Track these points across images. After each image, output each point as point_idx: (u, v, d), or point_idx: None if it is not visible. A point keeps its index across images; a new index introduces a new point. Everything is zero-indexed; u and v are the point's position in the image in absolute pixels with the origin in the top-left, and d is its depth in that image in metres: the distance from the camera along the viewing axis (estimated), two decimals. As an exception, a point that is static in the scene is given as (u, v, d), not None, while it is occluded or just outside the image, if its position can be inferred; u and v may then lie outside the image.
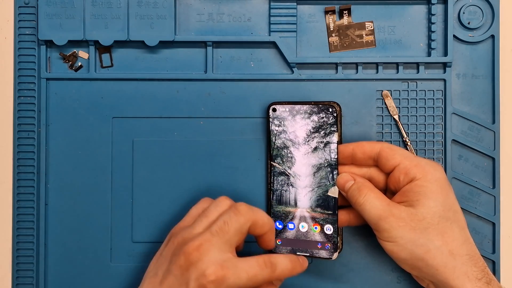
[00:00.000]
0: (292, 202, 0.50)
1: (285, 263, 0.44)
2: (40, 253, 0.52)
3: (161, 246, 0.46)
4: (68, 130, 0.53)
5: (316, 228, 0.49)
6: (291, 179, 0.50)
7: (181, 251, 0.42)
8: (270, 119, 0.51)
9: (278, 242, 0.50)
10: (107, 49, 0.53)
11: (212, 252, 0.41)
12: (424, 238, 0.44)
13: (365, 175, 0.49)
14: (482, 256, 0.46)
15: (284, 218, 0.50)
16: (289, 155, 0.50)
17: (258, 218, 0.45)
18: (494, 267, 0.52)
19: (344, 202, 0.49)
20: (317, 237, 0.49)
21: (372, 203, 0.45)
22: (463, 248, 0.45)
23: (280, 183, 0.51)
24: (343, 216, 0.49)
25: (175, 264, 0.42)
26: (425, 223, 0.44)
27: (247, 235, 0.45)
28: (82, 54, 0.53)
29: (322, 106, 0.50)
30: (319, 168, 0.49)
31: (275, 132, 0.51)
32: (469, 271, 0.44)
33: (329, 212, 0.49)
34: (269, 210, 0.51)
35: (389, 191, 0.49)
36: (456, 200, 0.47)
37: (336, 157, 0.49)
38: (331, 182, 0.49)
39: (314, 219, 0.49)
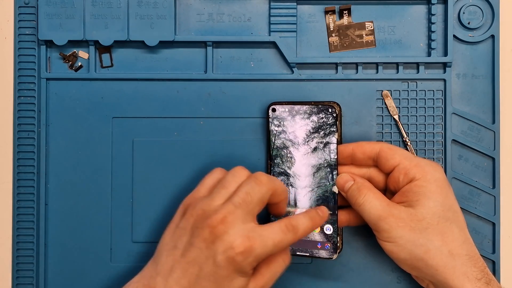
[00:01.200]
0: (292, 202, 0.50)
1: (305, 223, 0.44)
2: (40, 253, 0.52)
3: (175, 217, 0.45)
4: (68, 130, 0.53)
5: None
6: (291, 179, 0.50)
7: (205, 224, 0.41)
8: (270, 119, 0.51)
9: (278, 242, 0.50)
10: (107, 49, 0.53)
11: (237, 224, 0.41)
12: (424, 238, 0.44)
13: (364, 175, 0.49)
14: (482, 256, 0.46)
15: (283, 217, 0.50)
16: (288, 155, 0.50)
17: (278, 187, 0.44)
18: (494, 267, 0.52)
19: (344, 202, 0.49)
20: (317, 237, 0.49)
21: (372, 203, 0.45)
22: (462, 248, 0.45)
23: (280, 183, 0.51)
24: (343, 216, 0.49)
25: (199, 237, 0.41)
26: (424, 223, 0.44)
27: None
28: (82, 54, 0.53)
29: (322, 106, 0.50)
30: (318, 168, 0.49)
31: (275, 132, 0.51)
32: (469, 271, 0.44)
33: (329, 212, 0.49)
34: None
35: (388, 191, 0.49)
36: (455, 200, 0.47)
37: (335, 157, 0.49)
38: (331, 183, 0.49)
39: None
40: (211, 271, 0.41)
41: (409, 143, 0.52)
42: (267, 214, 0.50)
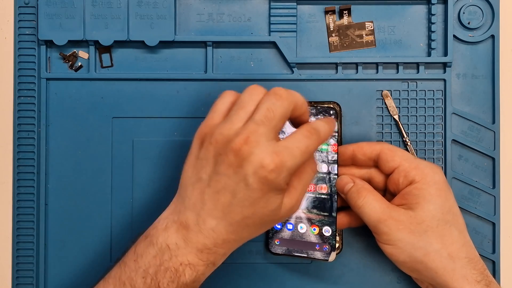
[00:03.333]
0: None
1: (324, 125, 0.42)
2: (40, 253, 0.52)
3: (192, 149, 0.43)
4: (68, 130, 0.53)
5: (314, 229, 0.49)
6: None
7: (228, 148, 0.39)
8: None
9: (277, 242, 0.50)
10: (107, 49, 0.53)
11: (262, 142, 0.38)
12: (423, 241, 0.44)
13: (365, 176, 0.49)
14: (482, 256, 0.46)
15: (284, 218, 0.50)
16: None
17: (298, 99, 0.42)
18: (494, 267, 0.52)
19: (345, 204, 0.49)
20: (315, 238, 0.49)
21: (371, 206, 0.45)
22: (462, 251, 0.45)
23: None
24: (344, 218, 0.49)
25: (224, 163, 0.39)
26: (424, 226, 0.44)
27: None
28: (82, 54, 0.53)
29: (322, 107, 0.50)
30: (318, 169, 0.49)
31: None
32: (468, 273, 0.44)
33: (328, 214, 0.49)
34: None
35: (388, 193, 0.49)
36: (455, 202, 0.47)
37: (335, 158, 0.49)
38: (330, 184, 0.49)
39: (312, 220, 0.49)
40: (244, 196, 0.39)
41: (409, 143, 0.52)
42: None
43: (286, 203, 0.41)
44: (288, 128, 0.50)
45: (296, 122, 0.44)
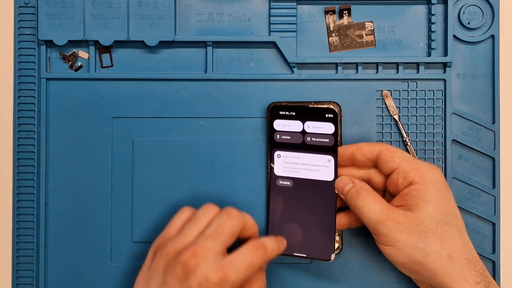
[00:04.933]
0: (292, 202, 0.50)
1: (272, 242, 0.45)
2: (40, 253, 0.52)
3: (146, 260, 0.45)
4: (68, 130, 0.53)
5: (315, 229, 0.49)
6: (291, 179, 0.50)
7: (176, 261, 0.42)
8: (271, 120, 0.51)
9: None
10: (107, 49, 0.53)
11: (208, 256, 0.41)
12: (423, 242, 0.44)
13: (364, 176, 0.49)
14: (482, 256, 0.46)
15: (284, 218, 0.50)
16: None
17: (248, 221, 0.45)
18: (494, 267, 0.52)
19: (345, 205, 0.49)
20: (316, 237, 0.49)
21: (371, 207, 0.45)
22: (461, 252, 0.44)
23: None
24: (344, 219, 0.49)
25: (172, 275, 0.41)
26: (423, 228, 0.44)
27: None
28: (82, 54, 0.53)
29: (322, 108, 0.50)
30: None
31: (276, 132, 0.51)
32: (468, 275, 0.44)
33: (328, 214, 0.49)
34: (268, 209, 0.51)
35: (388, 193, 0.49)
36: (455, 204, 0.46)
37: (335, 159, 0.49)
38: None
39: (313, 219, 0.49)
40: None
41: (409, 143, 0.52)
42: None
43: None
44: (290, 128, 0.50)
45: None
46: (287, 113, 0.50)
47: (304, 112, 0.50)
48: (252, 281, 0.44)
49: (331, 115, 0.49)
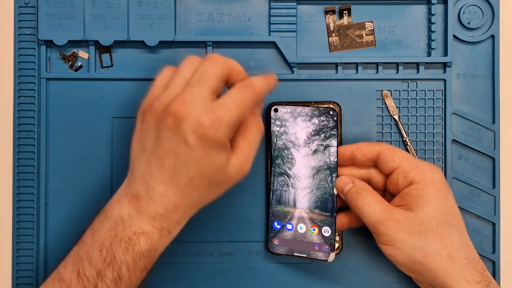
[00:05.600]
0: (291, 203, 0.50)
1: (260, 79, 0.43)
2: (40, 253, 0.52)
3: (136, 125, 0.44)
4: (68, 130, 0.53)
5: (314, 229, 0.49)
6: (291, 180, 0.50)
7: (166, 113, 0.40)
8: (272, 120, 0.51)
9: (276, 242, 0.50)
10: (107, 49, 0.53)
11: (197, 102, 0.40)
12: (423, 242, 0.44)
13: (364, 176, 0.49)
14: (482, 256, 0.46)
15: (282, 218, 0.50)
16: (289, 156, 0.50)
17: (234, 66, 0.43)
18: (494, 267, 0.52)
19: (345, 204, 0.49)
20: (315, 238, 0.49)
21: (371, 207, 0.45)
22: (462, 252, 0.44)
23: (280, 183, 0.51)
24: (344, 219, 0.49)
25: (164, 129, 0.40)
26: (423, 227, 0.44)
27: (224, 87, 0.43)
28: (82, 54, 0.53)
29: (323, 109, 0.50)
30: (318, 170, 0.49)
31: (276, 133, 0.51)
32: (468, 274, 0.44)
33: (328, 214, 0.49)
34: (268, 209, 0.51)
35: (388, 193, 0.49)
36: (455, 203, 0.47)
37: (335, 160, 0.49)
38: (330, 185, 0.49)
39: (312, 220, 0.49)
40: (187, 156, 0.40)
41: (409, 143, 0.52)
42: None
43: (234, 163, 0.42)
44: (291, 129, 0.50)
45: None
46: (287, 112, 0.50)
47: (304, 112, 0.50)
48: (249, 125, 0.43)
49: (331, 115, 0.49)
